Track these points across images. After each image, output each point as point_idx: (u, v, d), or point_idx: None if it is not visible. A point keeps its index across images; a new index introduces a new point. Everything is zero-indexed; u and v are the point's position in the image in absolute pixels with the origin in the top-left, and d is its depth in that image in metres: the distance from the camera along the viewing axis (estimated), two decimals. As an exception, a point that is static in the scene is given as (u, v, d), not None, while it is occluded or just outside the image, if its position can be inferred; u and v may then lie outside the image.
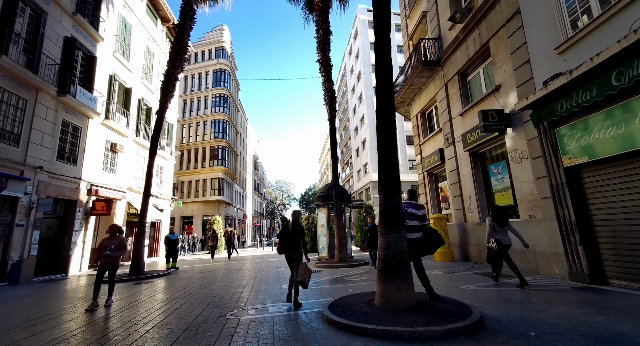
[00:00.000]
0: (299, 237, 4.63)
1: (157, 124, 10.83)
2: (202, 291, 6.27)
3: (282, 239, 4.61)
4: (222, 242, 21.49)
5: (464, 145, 9.12)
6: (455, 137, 9.83)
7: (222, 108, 33.26)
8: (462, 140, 9.27)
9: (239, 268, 10.35)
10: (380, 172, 4.37)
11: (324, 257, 11.77)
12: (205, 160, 31.87)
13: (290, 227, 4.64)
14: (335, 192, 10.75)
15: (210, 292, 6.07)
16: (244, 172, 45.89)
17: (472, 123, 8.79)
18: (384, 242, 4.08)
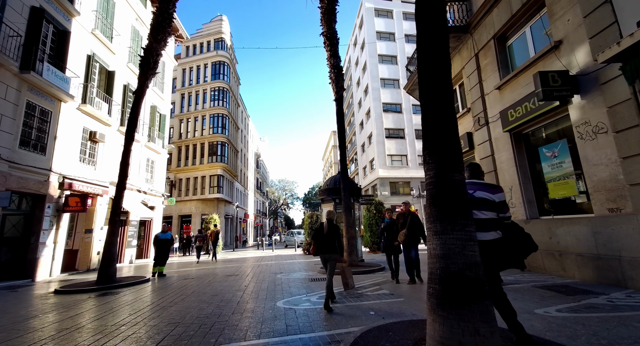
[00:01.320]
0: (335, 237, 4.46)
1: (135, 106, 9.25)
2: (168, 312, 4.65)
3: (317, 240, 4.46)
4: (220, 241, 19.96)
5: (503, 125, 7.41)
6: (489, 116, 8.12)
7: (221, 102, 31.77)
8: (500, 119, 7.56)
9: (230, 274, 8.74)
10: (430, 132, 2.71)
11: (330, 260, 10.12)
12: (204, 156, 30.40)
13: (326, 227, 4.45)
14: (343, 184, 9.09)
15: (176, 314, 4.44)
16: (245, 170, 44.42)
17: (514, 96, 7.08)
18: (440, 248, 2.43)
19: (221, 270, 9.90)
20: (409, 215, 6.06)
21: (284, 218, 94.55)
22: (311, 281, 6.78)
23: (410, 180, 28.27)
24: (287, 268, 9.58)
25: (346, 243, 8.80)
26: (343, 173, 9.23)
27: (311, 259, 12.58)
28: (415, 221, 5.99)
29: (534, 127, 6.85)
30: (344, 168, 9.24)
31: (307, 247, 15.49)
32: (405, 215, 6.12)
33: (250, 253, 18.47)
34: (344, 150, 9.38)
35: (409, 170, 28.48)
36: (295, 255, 15.05)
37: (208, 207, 29.52)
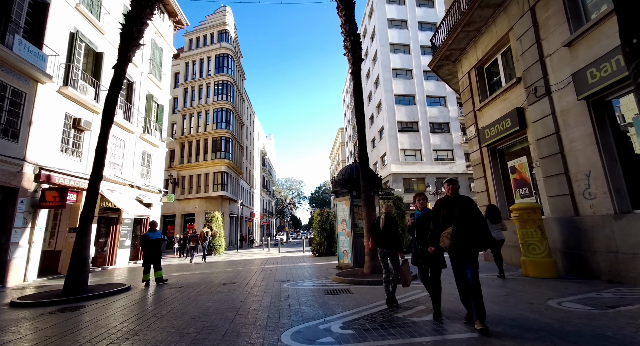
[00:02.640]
0: (393, 231, 4.27)
1: (115, 82, 7.80)
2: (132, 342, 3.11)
3: (375, 234, 4.36)
4: (222, 241, 18.54)
5: (577, 91, 5.67)
6: (551, 84, 6.37)
7: (225, 96, 30.46)
8: (571, 84, 5.82)
9: (227, 282, 7.20)
10: None
11: (346, 264, 8.51)
12: (208, 152, 29.13)
13: (382, 221, 4.30)
14: (362, 173, 7.46)
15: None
16: (251, 168, 43.15)
17: (595, 52, 5.35)
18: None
19: (218, 276, 8.39)
20: (457, 202, 3.39)
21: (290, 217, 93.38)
22: (327, 295, 5.19)
23: (425, 176, 26.42)
24: (295, 275, 8.00)
25: (366, 244, 7.17)
26: (362, 160, 7.59)
27: (322, 262, 10.98)
28: (470, 210, 3.32)
29: (625, 91, 5.10)
30: (364, 154, 7.60)
31: (316, 248, 13.90)
32: (451, 202, 3.44)
33: (255, 254, 16.98)
34: (363, 133, 7.75)
35: (423, 165, 26.63)
36: (304, 257, 13.47)
37: (212, 205, 28.25)
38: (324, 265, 9.88)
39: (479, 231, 3.26)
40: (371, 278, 6.24)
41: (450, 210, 3.37)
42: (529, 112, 6.99)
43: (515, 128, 7.38)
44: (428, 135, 27.58)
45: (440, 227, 3.41)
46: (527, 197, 7.60)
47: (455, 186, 3.49)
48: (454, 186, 3.49)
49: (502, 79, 8.41)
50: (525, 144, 7.66)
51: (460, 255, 3.27)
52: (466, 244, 3.21)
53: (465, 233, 3.22)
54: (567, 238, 6.05)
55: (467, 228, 3.23)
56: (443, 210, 3.45)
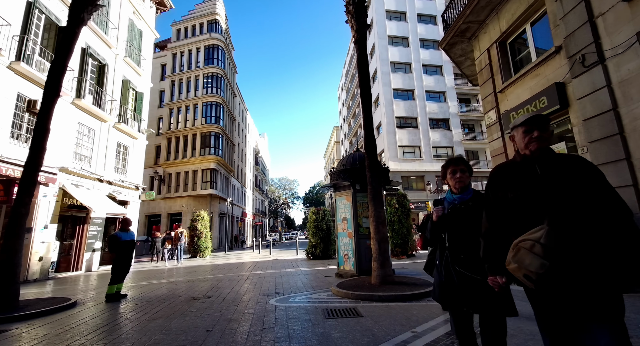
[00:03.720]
0: None
1: (63, 45, 6.29)
2: None
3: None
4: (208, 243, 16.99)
5: (649, 52, 4.42)
6: (605, 49, 5.12)
7: (215, 89, 28.88)
8: (636, 45, 4.57)
9: (199, 296, 5.76)
10: None
11: (347, 271, 7.15)
12: (196, 148, 27.50)
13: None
14: (369, 161, 6.10)
15: None
16: (243, 166, 41.56)
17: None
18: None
19: (193, 286, 6.93)
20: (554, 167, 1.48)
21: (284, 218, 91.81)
22: (328, 319, 3.81)
23: (425, 174, 25.28)
24: (287, 284, 6.60)
25: (375, 248, 5.83)
26: (369, 146, 6.23)
27: (318, 267, 9.60)
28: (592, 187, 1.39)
29: None
30: (370, 139, 6.24)
31: (311, 251, 12.52)
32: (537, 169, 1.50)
33: (244, 257, 15.50)
34: (370, 112, 6.39)
35: (422, 162, 25.50)
36: (297, 261, 12.07)
37: (200, 204, 26.61)
38: (321, 271, 8.51)
39: (620, 237, 1.31)
40: (383, 293, 4.88)
41: (536, 188, 1.47)
42: (573, 86, 5.74)
43: (553, 108, 6.13)
44: (427, 131, 26.47)
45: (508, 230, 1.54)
46: (565, 191, 6.35)
47: (544, 133, 1.55)
48: (542, 133, 1.54)
49: (532, 52, 7.16)
50: (563, 128, 6.42)
51: (573, 302, 1.32)
52: (590, 272, 1.30)
53: (584, 244, 1.32)
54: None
55: (588, 231, 1.34)
56: (513, 190, 1.54)
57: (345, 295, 5.09)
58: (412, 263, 9.39)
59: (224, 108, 29.85)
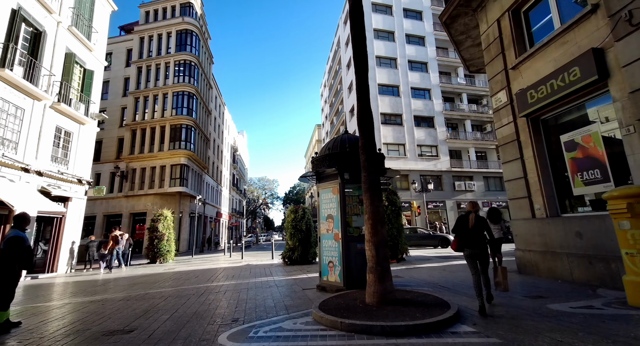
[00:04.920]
0: (483, 230, 4.06)
1: None
2: None
3: (462, 235, 4.17)
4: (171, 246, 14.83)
5: None
6: (669, -4, 3.97)
7: (188, 78, 26.51)
8: None
9: (118, 329, 3.99)
10: None
11: (332, 283, 5.62)
12: (165, 141, 25.01)
13: (472, 220, 4.07)
14: (364, 141, 4.62)
15: None
16: (219, 163, 39.11)
17: None
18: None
19: (121, 308, 5.10)
20: None
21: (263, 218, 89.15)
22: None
23: (409, 173, 24.39)
24: (252, 303, 4.98)
25: (372, 255, 4.35)
26: (364, 121, 4.74)
27: (296, 275, 8.01)
28: None
29: None
30: (366, 113, 4.76)
31: (288, 255, 10.90)
32: None
33: (212, 262, 13.56)
34: (366, 79, 4.90)
35: (407, 161, 24.60)
36: (272, 267, 10.40)
37: (169, 203, 24.15)
38: (299, 282, 6.93)
39: None
40: (386, 322, 3.39)
41: None
42: (617, 51, 4.58)
43: (590, 79, 4.96)
44: (412, 129, 25.65)
45: None
46: (600, 182, 5.21)
47: None
48: None
49: (555, 19, 6.01)
50: (598, 106, 5.29)
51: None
52: None
53: None
54: None
55: None
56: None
57: (332, 323, 3.55)
58: (405, 270, 8.04)
59: (198, 100, 27.51)
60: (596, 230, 5.00)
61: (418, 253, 13.01)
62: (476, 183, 25.48)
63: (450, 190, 24.98)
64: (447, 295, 4.78)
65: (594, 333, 2.88)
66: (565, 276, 5.47)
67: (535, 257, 6.14)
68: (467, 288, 5.28)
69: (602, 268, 4.83)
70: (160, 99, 26.07)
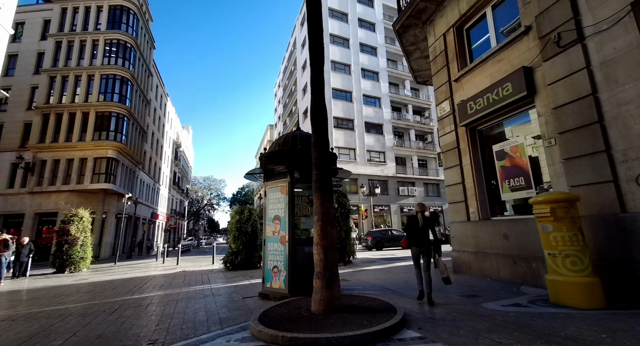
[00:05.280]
0: (429, 230, 4.47)
1: None
2: None
3: (411, 233, 4.58)
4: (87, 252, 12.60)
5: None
6: (585, 26, 4.54)
7: (122, 60, 23.45)
8: (630, 18, 4.01)
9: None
10: None
11: (276, 290, 5.17)
12: (87, 130, 21.63)
13: (420, 220, 4.50)
14: (316, 136, 4.33)
15: None
16: (158, 159, 35.41)
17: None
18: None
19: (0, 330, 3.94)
20: None
21: (207, 220, 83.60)
22: None
23: (358, 177, 25.13)
24: (179, 318, 4.27)
25: (320, 259, 4.05)
26: (317, 116, 4.45)
27: (237, 281, 7.34)
28: None
29: None
30: (319, 107, 4.48)
31: (230, 259, 10.07)
32: None
33: (140, 270, 11.88)
34: (321, 67, 4.61)
35: (357, 165, 25.31)
36: (212, 273, 9.48)
37: (89, 202, 20.88)
38: (240, 289, 6.31)
39: None
40: (332, 333, 3.10)
41: None
42: (544, 70, 5.11)
43: (520, 95, 5.46)
44: (363, 134, 26.55)
45: None
46: (523, 189, 5.77)
47: None
48: None
49: (492, 38, 6.57)
50: (523, 121, 5.86)
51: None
52: None
53: None
54: (606, 246, 4.17)
55: None
56: None
57: (273, 338, 3.14)
58: (352, 273, 7.99)
59: (133, 86, 24.47)
60: (520, 233, 5.49)
61: (364, 255, 13.26)
62: (417, 189, 27.41)
63: (395, 195, 26.41)
64: (393, 297, 4.73)
65: (527, 332, 3.00)
66: (493, 275, 5.91)
67: (469, 257, 6.57)
68: (411, 289, 5.34)
69: (524, 267, 5.31)
70: (84, 81, 22.55)
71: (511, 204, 6.19)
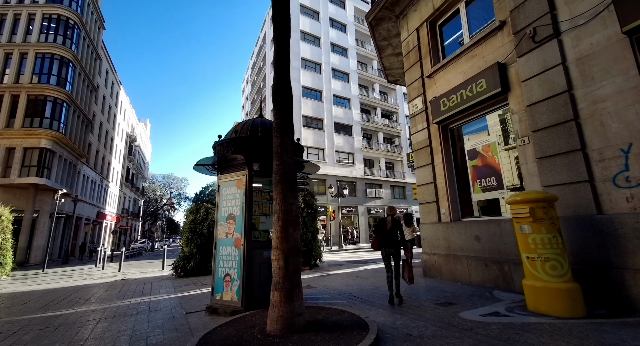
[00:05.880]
0: (397, 232, 4.64)
1: None
2: None
3: (381, 235, 4.68)
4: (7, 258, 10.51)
5: (622, 23, 3.74)
6: (561, 20, 4.42)
7: (62, 38, 20.71)
8: (609, 13, 3.90)
9: None
10: None
11: (228, 303, 4.36)
12: (17, 116, 18.76)
13: (389, 222, 4.65)
14: (280, 119, 3.65)
15: None
16: (106, 153, 32.01)
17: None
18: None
19: None
20: None
21: (166, 221, 77.96)
22: None
23: (327, 177, 24.74)
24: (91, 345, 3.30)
25: (280, 265, 3.36)
26: (281, 96, 3.77)
27: (187, 291, 6.34)
28: None
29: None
30: (284, 86, 3.81)
31: (182, 264, 8.93)
32: None
33: (72, 278, 10.13)
34: (287, 35, 3.96)
35: (325, 165, 24.89)
36: (159, 281, 8.27)
37: (17, 199, 18.09)
38: (186, 301, 5.37)
39: None
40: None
41: None
42: (518, 66, 4.95)
43: (494, 91, 5.27)
44: (332, 135, 26.22)
45: None
46: (495, 189, 5.60)
47: None
48: None
49: (465, 34, 6.40)
50: (494, 120, 5.72)
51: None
52: None
53: None
54: (582, 249, 4.02)
55: None
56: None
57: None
58: (318, 278, 7.37)
59: (76, 69, 21.70)
60: (492, 234, 5.28)
61: (331, 258, 12.75)
62: (385, 191, 27.72)
63: (362, 197, 26.42)
64: (364, 308, 4.19)
65: (516, 349, 2.59)
66: (464, 279, 5.66)
67: (439, 260, 6.29)
68: (381, 296, 4.85)
69: (496, 270, 5.09)
70: (15, 59, 19.55)
71: (482, 205, 6.02)
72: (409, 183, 29.24)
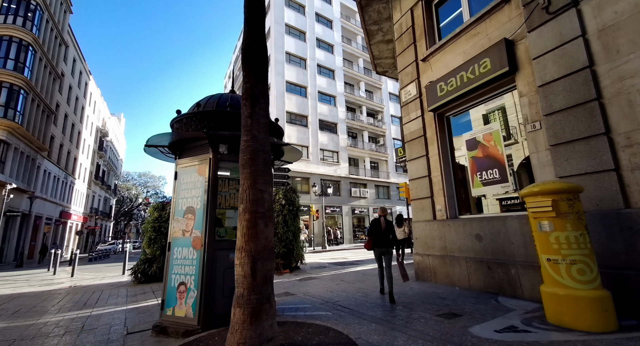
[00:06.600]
0: (390, 233, 4.72)
1: None
2: None
3: (375, 236, 4.77)
4: None
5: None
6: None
7: (22, 20, 18.72)
8: (638, -25, 3.35)
9: None
10: None
11: (181, 320, 3.47)
12: (-37, 102, 16.54)
13: (383, 223, 4.76)
14: (251, 83, 2.83)
15: None
16: (72, 148, 29.60)
17: None
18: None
19: None
20: None
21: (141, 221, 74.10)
22: None
23: (310, 176, 23.93)
24: None
25: (245, 273, 2.52)
26: (253, 53, 2.95)
27: (140, 302, 5.33)
28: None
29: None
30: (258, 40, 2.99)
31: (142, 268, 7.82)
32: None
33: (11, 284, 8.71)
34: (262, 5, 3.15)
35: (309, 164, 24.09)
36: (111, 288, 7.14)
37: (-40, 196, 15.90)
38: (135, 315, 4.39)
39: None
40: None
41: None
42: (529, 42, 4.37)
43: (500, 71, 4.67)
44: (317, 132, 25.45)
45: None
46: (498, 182, 5.01)
47: None
48: None
49: (466, 12, 5.81)
50: (498, 103, 5.14)
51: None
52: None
53: None
54: (607, 249, 3.44)
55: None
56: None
57: None
58: (299, 282, 6.55)
59: (37, 54, 19.71)
60: (496, 233, 4.68)
61: (313, 259, 11.94)
62: (369, 190, 27.25)
63: (347, 196, 25.80)
64: (353, 322, 3.41)
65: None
66: (463, 283, 5.04)
67: (434, 262, 5.64)
68: (373, 306, 4.11)
69: (501, 273, 4.48)
70: (-38, 39, 17.33)
71: (485, 200, 5.43)
72: (394, 183, 28.97)
